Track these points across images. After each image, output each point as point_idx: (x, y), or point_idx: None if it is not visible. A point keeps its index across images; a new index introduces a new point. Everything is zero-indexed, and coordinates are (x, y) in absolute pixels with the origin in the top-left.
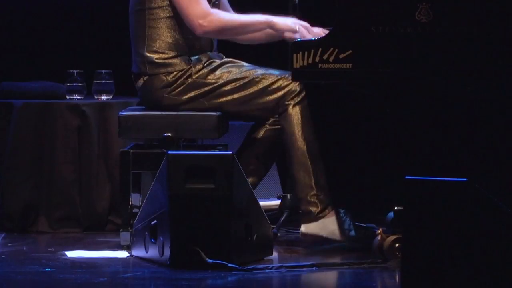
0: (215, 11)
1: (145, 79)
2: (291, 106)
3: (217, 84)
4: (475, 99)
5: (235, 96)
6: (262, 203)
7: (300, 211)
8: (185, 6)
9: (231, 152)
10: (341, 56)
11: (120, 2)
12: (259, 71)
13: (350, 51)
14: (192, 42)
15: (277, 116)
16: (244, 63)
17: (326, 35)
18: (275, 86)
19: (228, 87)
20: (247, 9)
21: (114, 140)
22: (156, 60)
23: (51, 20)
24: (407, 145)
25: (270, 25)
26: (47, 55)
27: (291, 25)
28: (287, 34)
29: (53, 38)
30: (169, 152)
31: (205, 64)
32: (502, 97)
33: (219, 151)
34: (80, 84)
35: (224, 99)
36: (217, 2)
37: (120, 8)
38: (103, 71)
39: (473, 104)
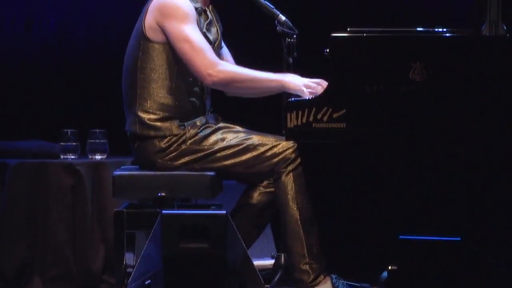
0: (224, 62)
1: (138, 143)
2: (284, 174)
3: (211, 150)
4: (470, 157)
5: (228, 162)
6: (256, 262)
7: (293, 279)
8: (193, 56)
9: (224, 212)
10: (335, 115)
11: (114, 61)
12: (254, 138)
13: (344, 110)
14: (185, 105)
15: (271, 179)
16: (240, 128)
17: (320, 94)
18: (269, 153)
19: (222, 154)
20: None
21: (108, 199)
22: (148, 122)
23: (44, 80)
24: (401, 203)
25: (282, 84)
26: (41, 114)
27: (301, 89)
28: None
29: (47, 97)
30: (163, 211)
31: (200, 130)
32: (496, 156)
33: (213, 210)
34: (74, 143)
35: (218, 164)
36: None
37: (114, 67)
38: (97, 130)
39: (468, 162)
